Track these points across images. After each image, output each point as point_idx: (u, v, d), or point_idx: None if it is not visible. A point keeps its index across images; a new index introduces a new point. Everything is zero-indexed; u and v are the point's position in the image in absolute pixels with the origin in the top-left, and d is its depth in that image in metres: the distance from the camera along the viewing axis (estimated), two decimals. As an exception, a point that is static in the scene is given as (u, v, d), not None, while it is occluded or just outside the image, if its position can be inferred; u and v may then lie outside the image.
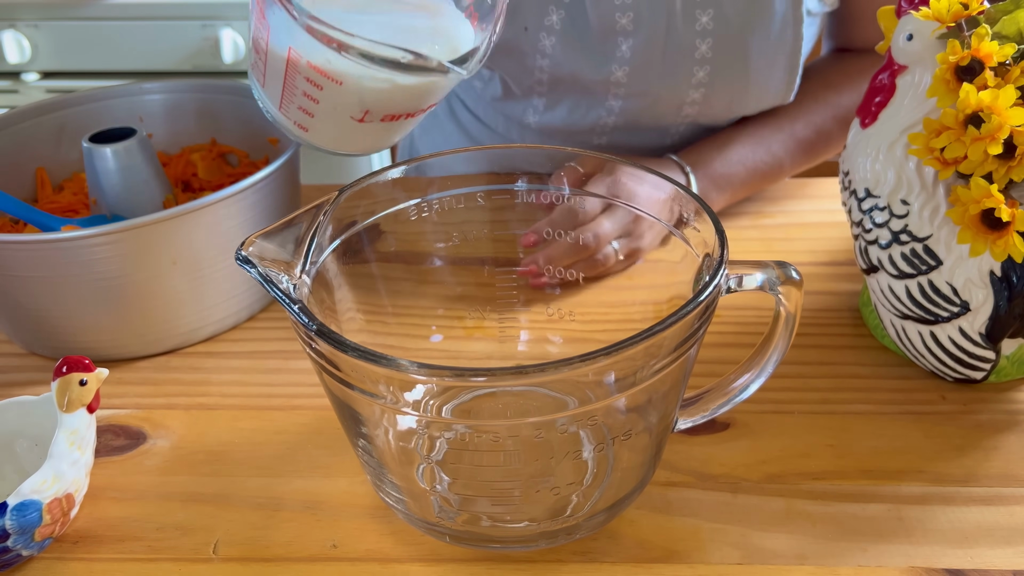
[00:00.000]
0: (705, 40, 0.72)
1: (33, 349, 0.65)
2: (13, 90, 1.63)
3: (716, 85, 0.75)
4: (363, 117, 0.49)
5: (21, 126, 0.74)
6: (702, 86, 0.75)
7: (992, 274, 0.52)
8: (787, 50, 0.73)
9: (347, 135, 0.50)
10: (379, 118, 0.49)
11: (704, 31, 0.72)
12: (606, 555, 0.47)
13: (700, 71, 0.74)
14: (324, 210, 0.47)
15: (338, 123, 0.49)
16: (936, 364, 0.56)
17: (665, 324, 0.39)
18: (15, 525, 0.45)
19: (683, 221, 0.49)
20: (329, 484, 0.52)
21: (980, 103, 0.48)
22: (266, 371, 0.62)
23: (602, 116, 0.80)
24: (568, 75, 0.77)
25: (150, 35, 1.56)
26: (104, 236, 0.58)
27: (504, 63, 0.80)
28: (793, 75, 0.75)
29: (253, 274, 0.43)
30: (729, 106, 0.77)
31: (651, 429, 0.46)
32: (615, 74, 0.75)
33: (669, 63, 0.74)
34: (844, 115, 0.78)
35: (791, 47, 0.73)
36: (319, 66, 0.45)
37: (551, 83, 0.79)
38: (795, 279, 0.44)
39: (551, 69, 0.78)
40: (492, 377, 0.40)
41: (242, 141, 0.78)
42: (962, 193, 0.50)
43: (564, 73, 0.77)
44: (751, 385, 0.48)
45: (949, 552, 0.47)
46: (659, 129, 0.80)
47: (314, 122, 0.49)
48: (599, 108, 0.79)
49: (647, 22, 0.73)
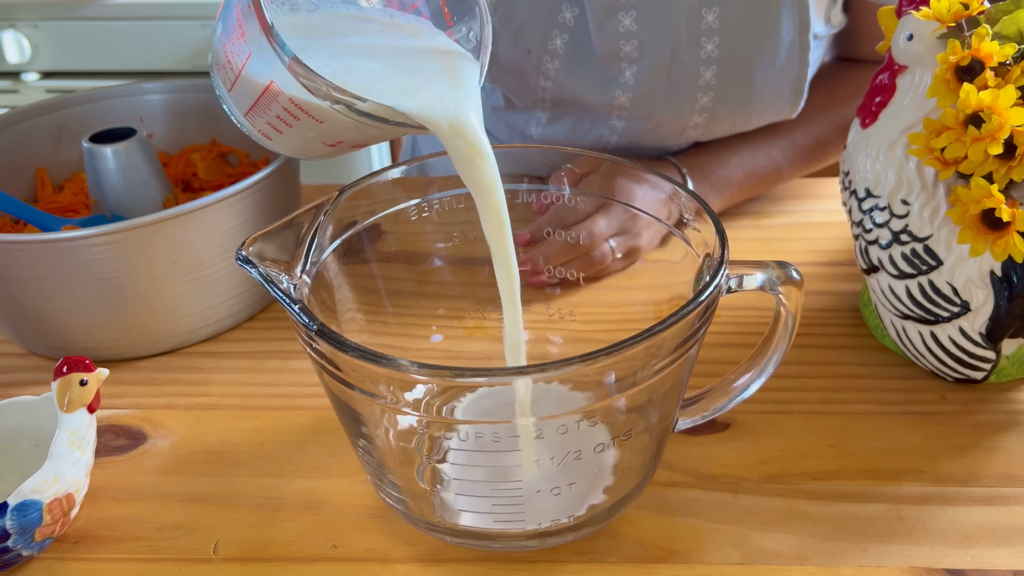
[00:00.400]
0: (710, 67, 0.71)
1: (33, 349, 0.65)
2: (13, 90, 1.63)
3: (719, 110, 0.74)
4: (335, 144, 0.48)
5: (21, 126, 0.74)
6: (705, 111, 0.74)
7: (992, 274, 0.52)
8: (793, 75, 0.72)
9: (313, 150, 0.49)
10: (351, 145, 0.48)
11: (709, 58, 0.71)
12: (606, 555, 0.47)
13: (704, 97, 0.73)
14: (324, 210, 0.47)
15: (307, 143, 0.48)
16: (936, 364, 0.56)
17: (666, 324, 0.39)
18: (15, 525, 0.45)
19: (683, 221, 0.49)
20: (329, 484, 0.52)
21: (980, 103, 0.48)
22: (266, 371, 0.62)
23: (604, 134, 0.79)
24: (570, 97, 0.77)
25: (150, 35, 1.56)
26: (104, 236, 0.58)
27: (506, 81, 0.80)
28: (798, 98, 0.74)
29: (254, 274, 0.43)
30: (732, 127, 0.76)
31: (651, 429, 0.46)
32: (618, 99, 0.75)
33: (673, 89, 0.73)
34: (845, 124, 0.77)
35: (797, 73, 0.72)
36: (301, 104, 0.43)
37: (554, 101, 0.79)
38: (795, 279, 0.44)
39: (554, 90, 0.77)
40: (492, 377, 0.40)
41: (242, 141, 0.78)
42: (962, 193, 0.50)
43: (567, 95, 0.77)
44: (752, 385, 0.48)
45: (950, 552, 0.47)
46: (661, 149, 0.80)
47: (282, 138, 0.48)
48: (602, 127, 0.79)
49: (651, 49, 0.72)
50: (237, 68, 0.44)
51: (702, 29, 0.70)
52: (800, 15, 0.70)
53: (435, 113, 0.43)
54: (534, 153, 0.54)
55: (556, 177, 0.55)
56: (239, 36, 0.43)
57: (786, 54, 0.71)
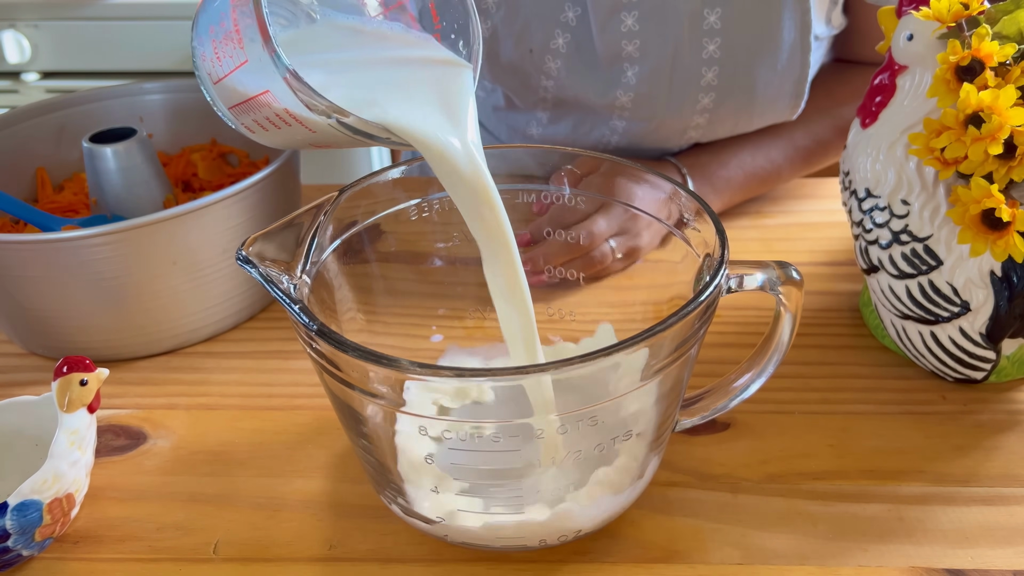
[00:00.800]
0: (711, 68, 0.71)
1: (33, 349, 0.65)
2: (13, 90, 1.63)
3: (720, 112, 0.74)
4: (321, 145, 0.48)
5: (21, 126, 0.74)
6: (707, 112, 0.74)
7: (992, 274, 0.52)
8: (794, 76, 0.72)
9: (298, 146, 0.49)
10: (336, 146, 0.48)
11: (711, 59, 0.71)
12: (606, 555, 0.47)
13: (705, 97, 0.73)
14: (324, 210, 0.47)
15: (293, 142, 0.48)
16: (936, 364, 0.56)
17: (666, 324, 0.39)
18: (15, 525, 0.45)
19: (683, 221, 0.49)
20: (329, 484, 0.52)
21: (980, 103, 0.48)
22: (266, 371, 0.62)
23: (605, 134, 0.79)
24: (572, 97, 0.77)
25: (150, 35, 1.56)
26: (104, 236, 0.58)
27: (507, 80, 0.80)
28: (799, 99, 0.74)
29: (254, 274, 0.43)
30: (733, 128, 0.76)
31: (652, 429, 0.46)
32: (620, 99, 0.75)
33: (674, 90, 0.73)
34: (844, 126, 0.77)
35: (798, 74, 0.72)
36: (295, 115, 0.43)
37: (555, 101, 0.79)
38: (795, 279, 0.44)
39: (555, 90, 0.77)
40: (492, 377, 0.40)
41: (242, 141, 0.78)
42: (962, 193, 0.50)
43: (568, 95, 0.77)
44: (752, 385, 0.48)
45: (950, 552, 0.47)
46: (662, 150, 0.80)
47: (267, 135, 0.47)
48: (603, 127, 0.79)
49: (653, 50, 0.72)
50: (228, 68, 0.44)
51: (704, 30, 0.70)
52: (802, 16, 0.70)
53: (427, 135, 0.43)
54: (534, 153, 0.54)
55: (556, 177, 0.55)
56: (235, 41, 0.43)
57: (787, 55, 0.71)
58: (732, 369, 0.48)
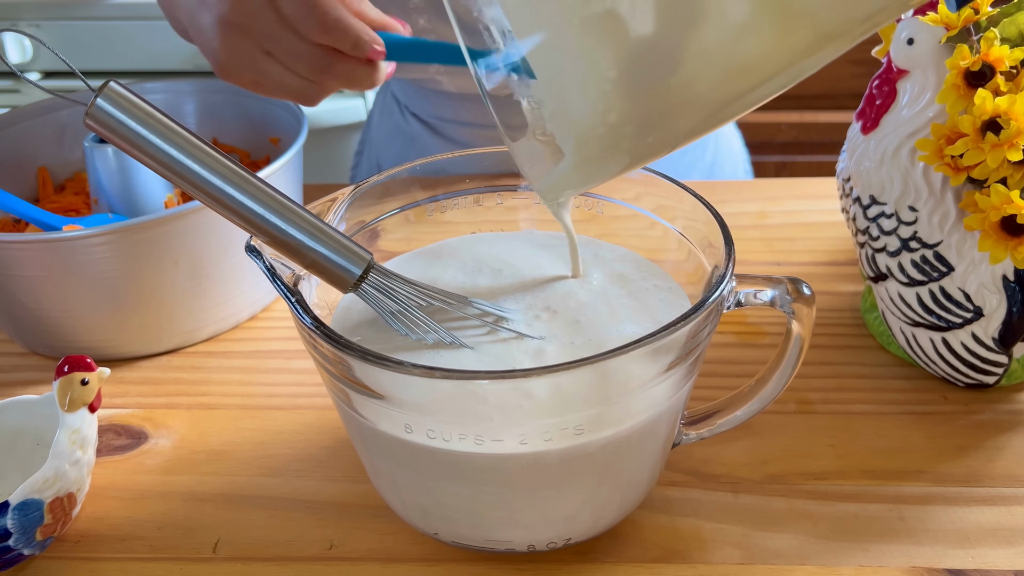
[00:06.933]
0: None
1: (34, 348, 0.65)
2: (14, 90, 1.63)
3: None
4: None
5: (23, 126, 0.74)
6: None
7: (1005, 278, 0.52)
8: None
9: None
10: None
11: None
12: (607, 555, 0.47)
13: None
14: (339, 203, 0.48)
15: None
16: (948, 371, 0.56)
17: (667, 330, 0.39)
18: (17, 524, 0.45)
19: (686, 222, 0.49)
20: (330, 484, 0.52)
21: (997, 109, 0.48)
22: (267, 371, 0.62)
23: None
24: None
25: (150, 35, 1.56)
26: (105, 236, 0.58)
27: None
28: None
29: (259, 264, 0.43)
30: None
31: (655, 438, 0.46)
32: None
33: None
34: None
35: None
36: None
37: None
38: (806, 295, 0.43)
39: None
40: (494, 379, 0.40)
41: (243, 141, 0.78)
42: (981, 200, 0.49)
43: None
44: (755, 408, 0.48)
45: (951, 552, 0.47)
46: None
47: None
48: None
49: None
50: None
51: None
52: None
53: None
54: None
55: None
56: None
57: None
58: (735, 369, 0.48)
